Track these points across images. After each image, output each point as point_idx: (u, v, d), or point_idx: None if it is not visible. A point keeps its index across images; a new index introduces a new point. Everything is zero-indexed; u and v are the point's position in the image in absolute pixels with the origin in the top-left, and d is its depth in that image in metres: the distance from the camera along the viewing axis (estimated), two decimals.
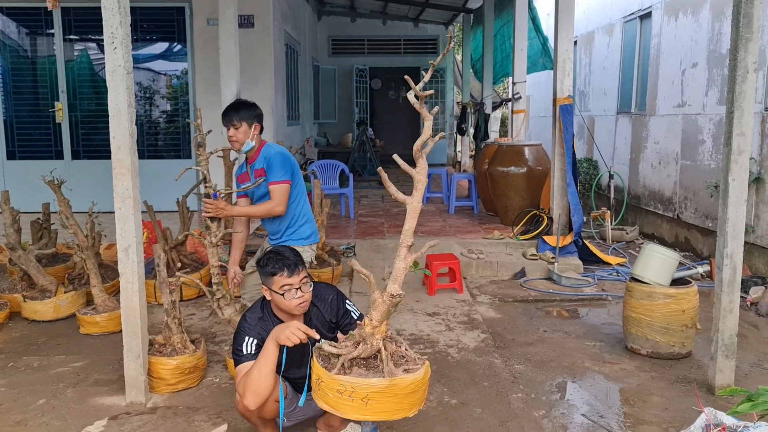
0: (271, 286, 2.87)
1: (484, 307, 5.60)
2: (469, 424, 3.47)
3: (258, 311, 2.99)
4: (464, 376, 4.10)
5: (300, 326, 2.69)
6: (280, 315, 2.96)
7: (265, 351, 2.70)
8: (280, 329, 2.70)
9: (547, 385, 4.00)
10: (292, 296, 2.85)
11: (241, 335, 2.88)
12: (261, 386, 2.67)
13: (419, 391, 2.45)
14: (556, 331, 4.99)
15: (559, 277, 6.21)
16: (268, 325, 2.93)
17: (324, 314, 3.09)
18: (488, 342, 4.70)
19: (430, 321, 5.17)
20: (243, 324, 2.93)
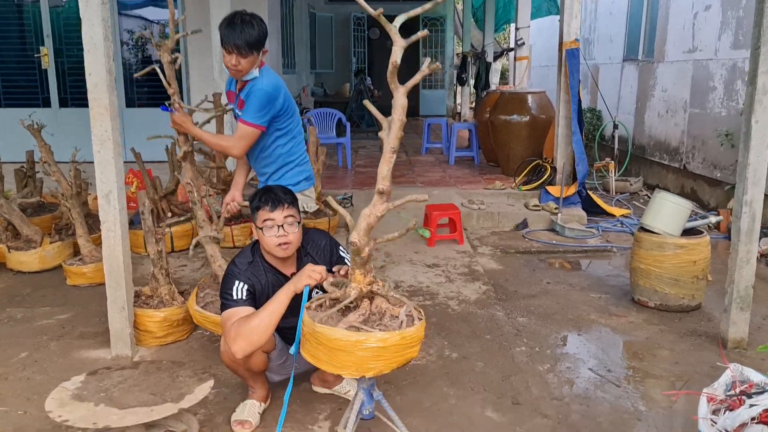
0: (255, 221, 2.68)
1: (485, 258, 5.42)
2: (471, 378, 3.31)
3: (248, 255, 2.79)
4: (465, 329, 3.94)
5: (316, 267, 2.51)
6: (270, 260, 2.76)
7: (275, 302, 2.50)
8: (297, 277, 2.51)
9: (552, 338, 3.84)
10: (273, 233, 2.65)
11: (231, 279, 2.68)
12: (258, 338, 2.49)
13: (412, 345, 2.25)
14: (559, 283, 4.82)
15: (562, 228, 6.02)
16: (258, 271, 2.73)
17: (317, 262, 2.90)
18: (490, 294, 4.53)
19: (429, 272, 4.99)
20: (232, 268, 2.73)
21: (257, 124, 3.21)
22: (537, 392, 3.18)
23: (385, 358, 2.19)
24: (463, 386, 3.23)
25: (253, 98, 3.19)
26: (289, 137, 3.41)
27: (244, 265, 2.74)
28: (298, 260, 2.84)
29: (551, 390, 3.20)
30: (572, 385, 3.26)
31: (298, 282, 2.48)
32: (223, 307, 2.64)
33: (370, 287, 2.34)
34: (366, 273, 2.33)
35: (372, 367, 2.20)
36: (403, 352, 2.22)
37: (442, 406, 3.04)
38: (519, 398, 3.12)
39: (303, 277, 2.47)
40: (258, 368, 2.78)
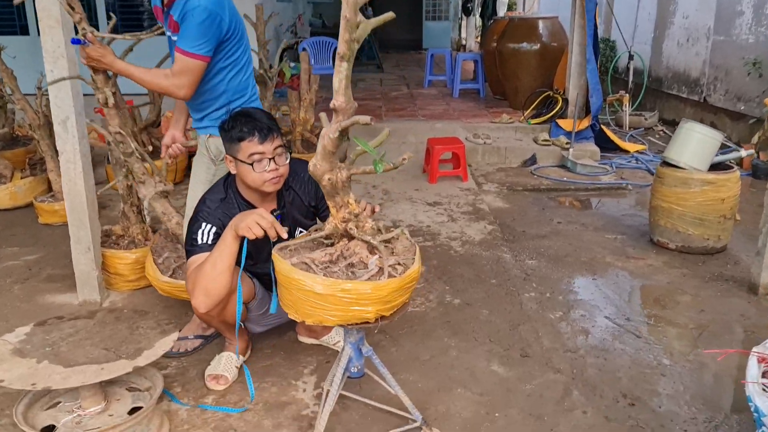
0: (236, 154, 2.29)
1: (490, 196, 5.04)
2: (475, 327, 2.98)
3: (220, 191, 2.41)
4: (469, 272, 3.59)
5: (265, 215, 2.12)
6: (247, 195, 2.39)
7: (222, 242, 2.15)
8: (241, 217, 2.13)
9: (564, 282, 3.50)
10: (263, 168, 2.27)
11: (198, 221, 2.32)
12: (214, 285, 2.15)
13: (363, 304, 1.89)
14: (571, 223, 4.45)
15: (573, 165, 5.62)
16: (232, 209, 2.36)
17: (301, 196, 2.52)
18: (496, 234, 4.17)
19: (430, 211, 4.62)
20: (201, 207, 2.36)
21: (201, 54, 2.50)
22: (548, 343, 2.85)
23: (323, 308, 1.86)
24: (466, 336, 2.90)
25: (191, 19, 2.46)
26: (237, 68, 2.69)
27: (214, 203, 2.37)
28: (278, 195, 2.47)
29: (564, 341, 2.87)
30: (587, 336, 2.93)
31: (240, 222, 2.12)
32: (188, 254, 2.28)
33: (345, 225, 1.97)
34: (338, 207, 1.95)
35: (310, 313, 1.89)
36: (347, 308, 1.86)
37: (442, 360, 2.72)
38: (528, 350, 2.80)
39: (247, 220, 2.10)
40: (232, 318, 2.45)
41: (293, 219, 2.51)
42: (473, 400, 2.45)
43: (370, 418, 2.33)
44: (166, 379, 2.56)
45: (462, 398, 2.46)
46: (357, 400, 2.38)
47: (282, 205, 2.47)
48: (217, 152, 2.72)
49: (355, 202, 1.99)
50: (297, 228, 2.54)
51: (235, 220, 2.13)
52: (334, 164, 1.88)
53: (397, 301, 1.92)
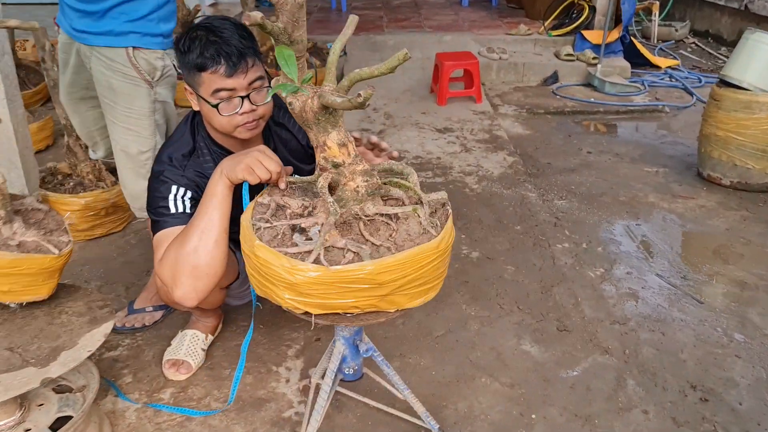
0: (197, 88, 1.66)
1: (508, 120, 4.39)
2: (499, 290, 2.44)
3: (186, 140, 1.78)
4: (488, 216, 3.02)
5: (269, 152, 1.50)
6: (223, 140, 1.78)
7: (209, 199, 1.52)
8: (235, 158, 1.51)
9: (602, 229, 2.93)
10: (233, 109, 1.64)
11: (165, 182, 1.71)
12: (208, 263, 1.52)
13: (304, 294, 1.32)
14: (603, 153, 3.84)
15: (601, 83, 4.94)
16: (205, 163, 1.77)
17: (296, 134, 1.92)
18: (517, 168, 3.57)
19: (440, 139, 3.99)
20: (163, 166, 1.74)
21: None
22: (590, 312, 2.31)
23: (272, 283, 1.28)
24: (488, 303, 2.36)
25: None
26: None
27: (181, 158, 1.75)
28: (265, 133, 1.85)
29: (609, 309, 2.34)
30: (637, 301, 2.38)
31: (234, 168, 1.49)
32: (156, 229, 1.67)
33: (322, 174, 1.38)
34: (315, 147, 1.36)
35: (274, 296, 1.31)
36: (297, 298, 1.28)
37: (460, 335, 2.18)
38: (566, 321, 2.26)
39: (241, 165, 1.47)
40: (212, 306, 1.90)
41: (286, 164, 1.91)
42: (502, 394, 1.92)
43: (370, 422, 1.81)
44: (115, 365, 2.04)
45: (488, 391, 1.93)
46: (353, 398, 1.85)
47: (271, 147, 1.86)
48: (151, 69, 2.11)
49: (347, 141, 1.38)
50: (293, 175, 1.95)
51: (227, 163, 1.50)
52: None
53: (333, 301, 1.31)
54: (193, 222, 1.53)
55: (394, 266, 1.23)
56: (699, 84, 5.16)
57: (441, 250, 1.29)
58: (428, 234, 1.32)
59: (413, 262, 1.25)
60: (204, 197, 1.53)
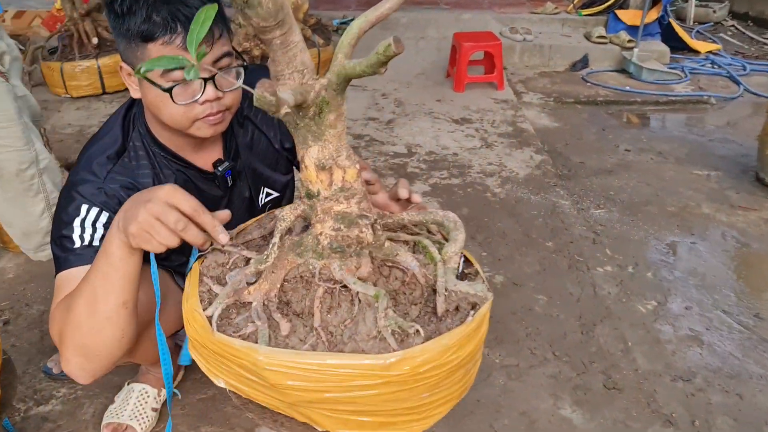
0: (139, 62, 1.18)
1: (534, 110, 3.90)
2: (530, 327, 1.98)
3: (114, 137, 1.31)
4: (514, 228, 2.55)
5: (176, 196, 1.01)
6: (169, 140, 1.30)
7: (104, 258, 1.06)
8: (133, 206, 1.03)
9: (650, 248, 2.46)
10: (192, 97, 1.17)
11: (71, 200, 1.24)
12: (97, 340, 1.09)
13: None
14: (644, 151, 3.35)
15: (638, 69, 4.42)
16: (140, 171, 1.29)
17: (267, 134, 1.45)
18: (546, 168, 3.08)
19: (457, 132, 3.51)
20: (79, 174, 1.27)
21: None
22: (645, 362, 1.85)
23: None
24: (516, 345, 1.91)
25: None
26: None
27: (104, 162, 1.27)
28: (227, 134, 1.38)
29: (668, 357, 1.87)
30: (702, 347, 1.92)
31: (128, 227, 1.01)
32: (57, 267, 1.21)
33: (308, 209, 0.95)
34: (323, 167, 0.92)
35: None
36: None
37: (481, 394, 1.73)
38: (615, 375, 1.80)
39: (132, 226, 1.00)
40: (154, 360, 1.45)
41: (254, 175, 1.45)
42: None
43: None
44: (43, 425, 1.60)
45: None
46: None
47: (233, 151, 1.39)
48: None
49: (336, 164, 0.92)
50: (262, 189, 1.48)
51: (126, 212, 1.04)
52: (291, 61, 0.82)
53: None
54: (81, 286, 1.08)
55: (298, 371, 0.80)
56: (744, 72, 4.64)
57: (393, 378, 0.85)
58: (383, 343, 0.87)
59: (332, 376, 0.82)
60: (99, 253, 1.07)
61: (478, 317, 0.92)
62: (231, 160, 1.37)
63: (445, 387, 0.91)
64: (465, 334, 0.88)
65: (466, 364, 0.93)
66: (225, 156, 1.37)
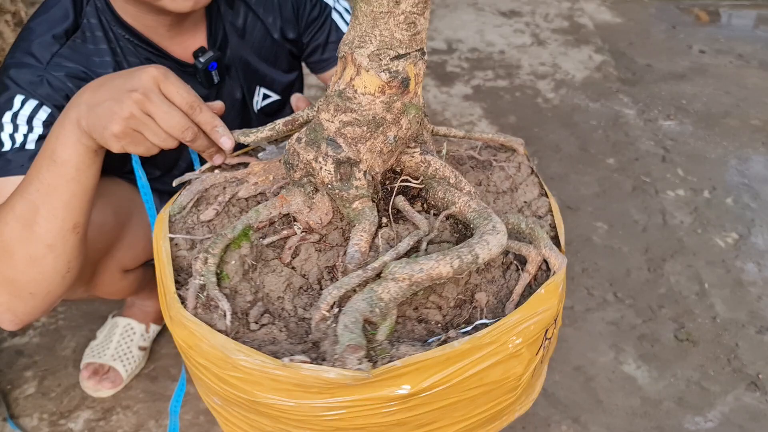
0: None
1: (593, 3, 3.41)
2: (587, 262, 1.68)
3: (62, 7, 0.97)
4: (569, 141, 2.20)
5: (169, 80, 0.74)
6: (136, 22, 0.97)
7: (49, 166, 0.77)
8: (100, 94, 0.74)
9: (730, 168, 2.09)
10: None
11: (6, 89, 0.92)
12: (34, 281, 0.81)
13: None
14: (722, 53, 2.89)
15: None
16: (95, 57, 0.98)
17: (263, 18, 1.10)
18: (607, 71, 2.67)
19: (504, 26, 3.08)
20: (13, 56, 0.95)
21: None
22: (724, 308, 1.55)
23: None
24: (570, 283, 1.61)
25: None
26: None
27: (50, 43, 0.94)
28: (210, 14, 1.05)
29: (753, 303, 1.57)
30: None
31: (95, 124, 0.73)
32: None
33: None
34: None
35: None
36: None
37: None
38: (688, 323, 1.51)
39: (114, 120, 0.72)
40: (122, 296, 1.18)
41: (248, 71, 1.12)
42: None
43: None
44: (17, 360, 1.39)
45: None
46: None
47: (219, 38, 1.06)
48: None
49: None
50: (257, 90, 1.16)
51: (92, 104, 0.74)
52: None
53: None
54: (12, 201, 0.80)
55: None
56: None
57: None
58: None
59: None
60: (39, 160, 0.78)
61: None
62: (217, 49, 1.04)
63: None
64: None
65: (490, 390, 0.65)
66: (209, 44, 1.04)
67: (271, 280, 0.72)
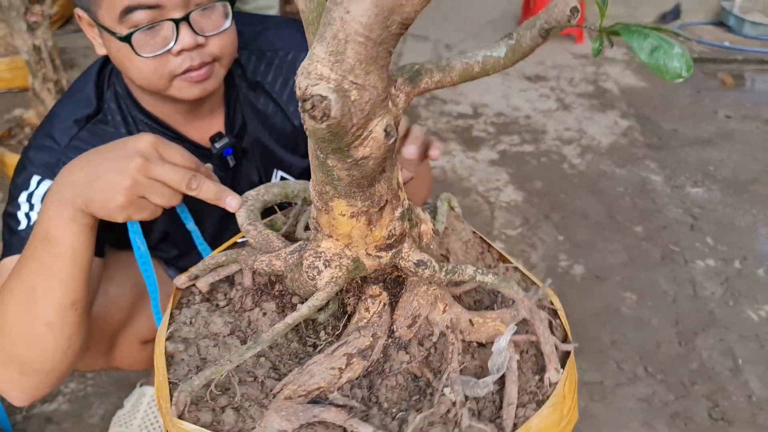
0: (96, 12, 0.89)
1: (617, 67, 3.46)
2: (616, 333, 1.65)
3: (86, 95, 1.03)
4: (596, 207, 2.20)
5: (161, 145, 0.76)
6: (153, 105, 1.01)
7: (43, 245, 0.79)
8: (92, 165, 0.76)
9: (760, 237, 2.07)
10: (161, 46, 0.88)
11: (22, 169, 0.98)
12: (37, 357, 0.82)
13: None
14: (748, 119, 2.90)
15: (739, 22, 3.89)
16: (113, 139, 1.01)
17: (282, 108, 1.14)
18: (633, 136, 2.69)
19: (530, 90, 3.12)
20: (36, 138, 1.01)
21: None
22: (759, 386, 1.52)
23: None
24: (600, 356, 1.59)
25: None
26: None
27: (70, 127, 0.99)
28: (228, 101, 1.08)
29: None
30: None
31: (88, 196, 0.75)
32: (3, 252, 0.96)
33: (385, 256, 0.64)
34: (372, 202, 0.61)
35: None
36: None
37: None
38: (722, 401, 1.47)
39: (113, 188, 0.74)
40: (139, 367, 1.19)
41: (265, 154, 1.14)
42: None
43: None
44: (48, 425, 1.40)
45: None
46: None
47: (238, 123, 1.09)
48: None
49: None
50: (275, 173, 1.18)
51: (79, 173, 0.77)
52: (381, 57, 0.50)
53: None
54: (10, 282, 0.82)
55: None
56: None
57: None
58: None
59: None
60: (33, 239, 0.80)
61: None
62: (234, 135, 1.07)
63: None
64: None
65: None
66: (227, 129, 1.07)
67: None
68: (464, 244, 0.79)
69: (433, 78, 0.56)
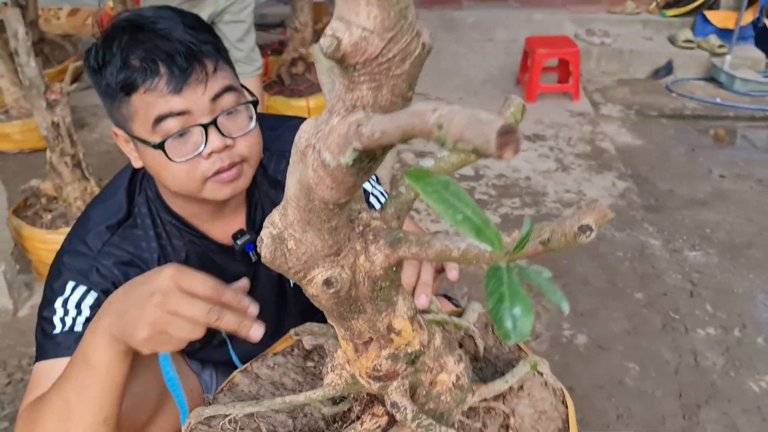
0: (130, 126, 0.95)
1: (613, 125, 3.55)
2: (621, 407, 1.69)
3: (118, 200, 1.09)
4: (597, 274, 2.26)
5: (185, 276, 0.78)
6: (181, 207, 1.07)
7: (83, 368, 0.84)
8: (124, 304, 0.81)
9: (759, 304, 2.13)
10: (192, 151, 0.94)
11: (58, 275, 1.03)
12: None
13: None
14: (741, 178, 2.98)
15: (730, 79, 4.00)
16: (144, 242, 1.08)
17: None
18: (631, 198, 2.76)
19: (530, 150, 3.21)
20: (71, 243, 1.06)
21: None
22: None
23: None
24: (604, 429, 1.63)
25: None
26: None
27: (102, 233, 1.05)
28: (250, 198, 1.14)
29: None
30: None
31: (123, 329, 0.79)
32: (37, 353, 1.02)
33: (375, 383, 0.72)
34: (413, 315, 0.69)
35: None
36: None
37: None
38: None
39: (140, 324, 0.77)
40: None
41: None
42: None
43: None
44: None
45: None
46: None
47: (258, 220, 1.15)
48: None
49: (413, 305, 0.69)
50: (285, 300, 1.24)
51: (114, 308, 0.82)
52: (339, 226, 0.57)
53: None
54: (50, 395, 0.87)
55: None
56: None
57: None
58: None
59: None
60: (75, 358, 0.85)
61: None
62: (255, 231, 1.13)
63: None
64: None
65: None
66: (248, 226, 1.13)
67: None
68: (538, 414, 0.80)
69: (411, 250, 0.58)
